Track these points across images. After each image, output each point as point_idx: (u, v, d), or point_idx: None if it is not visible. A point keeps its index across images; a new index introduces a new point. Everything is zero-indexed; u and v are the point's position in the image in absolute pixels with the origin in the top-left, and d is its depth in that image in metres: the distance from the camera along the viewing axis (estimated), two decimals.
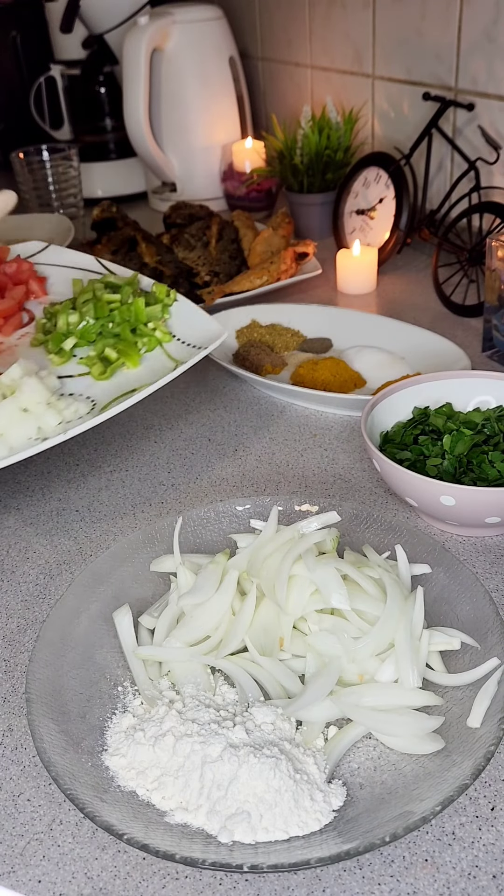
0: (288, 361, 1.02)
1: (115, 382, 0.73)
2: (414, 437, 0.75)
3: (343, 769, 0.52)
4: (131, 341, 0.75)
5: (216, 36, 1.53)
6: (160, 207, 1.63)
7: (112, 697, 0.56)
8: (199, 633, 0.58)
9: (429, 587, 0.61)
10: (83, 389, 0.72)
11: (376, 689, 0.53)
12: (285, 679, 0.55)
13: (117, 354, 0.74)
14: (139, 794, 0.49)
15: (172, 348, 0.75)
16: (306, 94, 1.62)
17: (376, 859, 0.47)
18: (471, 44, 1.16)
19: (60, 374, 0.74)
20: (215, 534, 0.69)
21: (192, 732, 0.51)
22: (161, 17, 1.47)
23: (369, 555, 0.62)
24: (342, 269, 1.21)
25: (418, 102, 1.30)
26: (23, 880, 0.47)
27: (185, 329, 0.78)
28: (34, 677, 0.54)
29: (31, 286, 0.86)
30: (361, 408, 0.87)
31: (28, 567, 0.72)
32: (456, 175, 1.26)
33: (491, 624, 0.56)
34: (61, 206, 1.59)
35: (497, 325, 0.98)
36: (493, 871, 0.46)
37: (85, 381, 0.74)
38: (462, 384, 0.80)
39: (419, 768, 0.50)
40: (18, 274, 0.87)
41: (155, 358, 0.75)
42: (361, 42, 1.40)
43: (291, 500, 0.69)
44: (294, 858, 0.44)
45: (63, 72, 1.72)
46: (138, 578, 0.65)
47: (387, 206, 1.26)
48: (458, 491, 0.65)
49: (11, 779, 0.54)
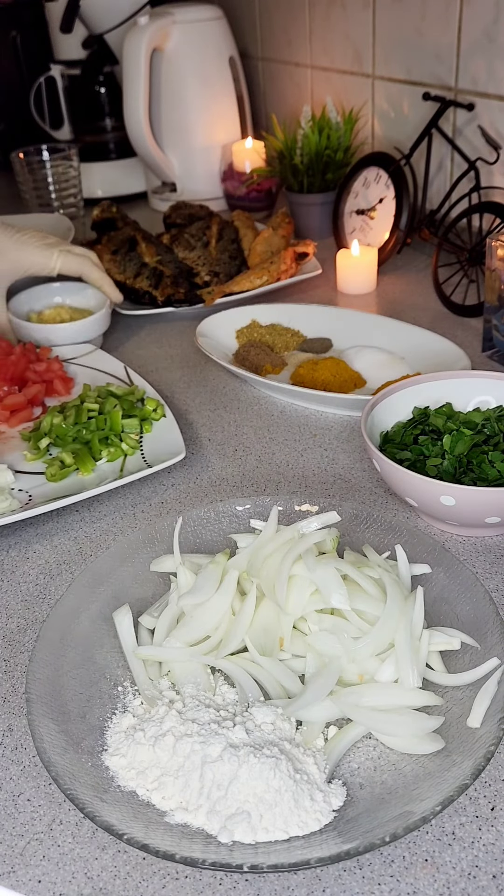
0: (288, 361, 1.02)
1: (64, 484, 0.80)
2: (414, 437, 0.75)
3: (343, 769, 0.52)
4: (96, 449, 0.82)
5: (216, 36, 1.53)
6: (160, 207, 1.63)
7: (112, 697, 0.56)
8: (199, 633, 0.58)
9: (429, 587, 0.61)
10: (33, 486, 0.80)
11: (376, 689, 0.53)
12: (285, 679, 0.55)
13: (73, 460, 0.81)
14: (139, 794, 0.49)
15: (131, 461, 0.82)
16: (306, 94, 1.62)
17: (376, 859, 0.47)
18: (471, 44, 1.16)
19: (20, 469, 0.82)
20: (215, 534, 0.69)
21: (192, 732, 0.51)
22: (161, 17, 1.47)
23: (369, 555, 0.62)
24: (342, 269, 1.21)
25: (418, 102, 1.30)
26: (23, 880, 0.47)
27: (155, 444, 0.84)
28: (34, 677, 0.54)
29: (55, 385, 0.95)
30: (361, 408, 0.87)
31: (28, 567, 0.72)
32: (456, 175, 1.26)
33: (491, 624, 0.56)
34: (61, 206, 1.59)
35: (497, 325, 0.98)
36: (493, 871, 0.46)
37: (40, 479, 0.81)
38: (462, 384, 0.80)
39: (419, 768, 0.50)
40: (46, 372, 0.95)
41: (111, 465, 0.82)
42: (361, 42, 1.40)
43: (291, 500, 0.69)
44: (294, 858, 0.44)
45: (63, 72, 1.72)
46: (138, 578, 0.65)
47: (387, 206, 1.26)
48: (458, 491, 0.65)
49: (11, 779, 0.54)
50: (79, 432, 0.84)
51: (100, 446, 0.83)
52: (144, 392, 0.91)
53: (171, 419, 0.86)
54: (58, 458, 0.82)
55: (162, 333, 1.15)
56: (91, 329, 1.07)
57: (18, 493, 0.79)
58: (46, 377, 0.95)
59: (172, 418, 0.86)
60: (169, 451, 0.81)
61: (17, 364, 0.94)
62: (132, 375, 0.97)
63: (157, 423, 0.87)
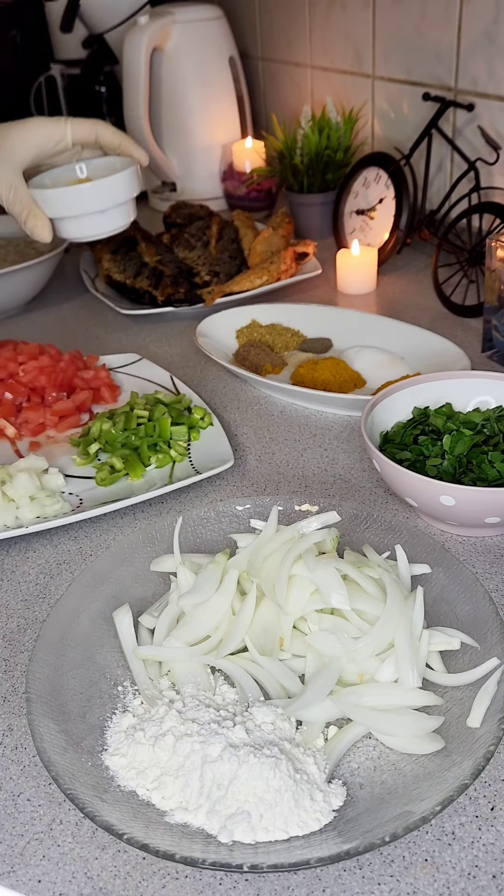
0: (288, 361, 1.02)
1: (113, 489, 0.81)
2: (414, 437, 0.75)
3: (343, 769, 0.52)
4: (145, 455, 0.83)
5: (216, 36, 1.53)
6: (160, 207, 1.63)
7: (112, 697, 0.56)
8: (199, 632, 0.58)
9: (429, 587, 0.61)
10: (83, 490, 0.81)
11: (376, 689, 0.53)
12: (285, 679, 0.55)
13: (123, 465, 0.82)
14: (139, 793, 0.49)
15: (180, 467, 0.83)
16: (306, 94, 1.62)
17: (376, 859, 0.47)
18: (471, 44, 1.16)
19: (70, 474, 0.83)
20: (215, 534, 0.69)
21: (192, 732, 0.51)
22: (161, 16, 1.47)
23: (369, 555, 0.62)
24: (342, 269, 1.21)
25: (418, 102, 1.30)
26: (23, 880, 0.47)
27: (203, 452, 0.85)
28: (34, 677, 0.54)
29: (102, 392, 0.97)
30: (361, 408, 0.87)
31: (28, 567, 0.72)
32: (456, 175, 1.26)
33: (491, 624, 0.56)
34: None
35: (497, 326, 0.98)
36: (493, 871, 0.46)
37: (90, 483, 0.82)
38: (462, 384, 0.80)
39: (419, 768, 0.50)
40: (94, 380, 0.97)
41: (160, 472, 0.83)
42: (361, 42, 1.40)
43: (291, 500, 0.69)
44: (294, 858, 0.44)
45: (63, 71, 1.72)
46: (138, 578, 0.65)
47: (387, 206, 1.26)
48: (457, 491, 0.65)
49: (11, 779, 0.54)
50: (128, 438, 0.85)
51: (148, 452, 0.83)
52: (191, 401, 0.92)
53: (219, 427, 0.87)
54: (107, 463, 0.82)
55: (162, 333, 1.15)
56: (121, 188, 0.90)
57: (69, 497, 0.79)
58: (94, 384, 0.97)
59: (220, 426, 0.87)
60: (216, 458, 0.82)
61: (65, 371, 0.96)
62: (178, 385, 0.97)
63: (205, 430, 0.88)
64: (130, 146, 0.94)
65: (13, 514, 0.75)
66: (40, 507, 0.75)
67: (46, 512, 0.76)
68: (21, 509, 0.75)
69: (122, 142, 0.94)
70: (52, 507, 0.76)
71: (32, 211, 0.88)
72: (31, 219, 0.88)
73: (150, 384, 0.99)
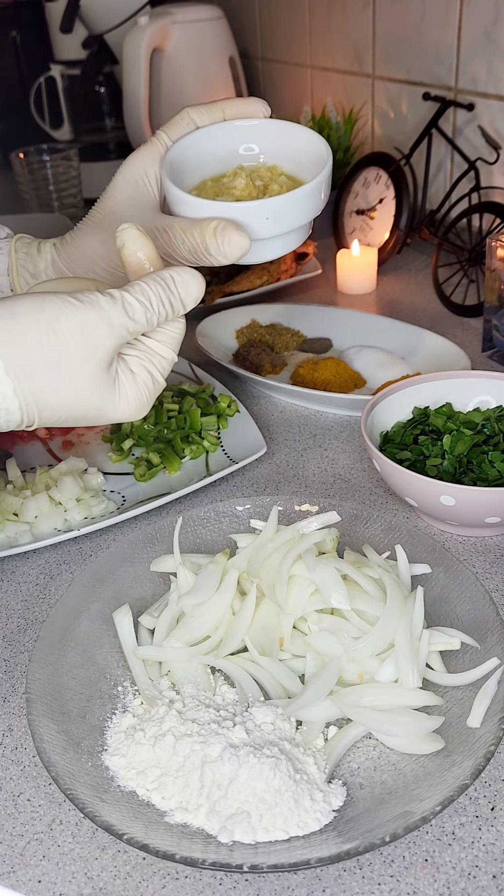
0: (288, 361, 1.02)
1: (152, 484, 0.81)
2: (414, 437, 0.75)
3: (343, 769, 0.52)
4: (179, 448, 0.83)
5: (216, 36, 1.52)
6: None
7: (112, 697, 0.56)
8: (199, 633, 0.58)
9: (429, 587, 0.61)
10: (123, 487, 0.81)
11: (376, 689, 0.53)
12: (285, 679, 0.55)
13: (160, 459, 0.82)
14: (139, 794, 0.49)
15: (213, 458, 0.83)
16: (306, 94, 1.62)
17: (376, 859, 0.47)
18: (471, 44, 1.16)
19: (108, 471, 0.83)
20: (215, 534, 0.69)
21: (192, 732, 0.51)
22: (161, 17, 1.47)
23: (369, 555, 0.62)
24: (342, 269, 1.21)
25: (418, 102, 1.30)
26: (23, 880, 0.47)
27: (234, 440, 0.85)
28: (34, 677, 0.54)
29: None
30: (361, 408, 0.87)
31: (28, 567, 0.72)
32: (456, 175, 1.26)
33: (491, 624, 0.56)
34: (61, 206, 1.58)
35: (497, 325, 0.98)
36: (493, 871, 0.46)
37: (129, 480, 0.82)
38: (462, 384, 0.80)
39: (419, 768, 0.50)
40: None
41: (194, 464, 0.83)
42: (361, 42, 1.40)
43: (291, 500, 0.69)
44: (294, 858, 0.44)
45: (63, 72, 1.72)
46: (138, 578, 0.65)
47: (387, 206, 1.26)
48: (457, 491, 0.65)
49: (11, 779, 0.54)
50: (160, 432, 0.85)
51: (182, 445, 0.83)
52: (214, 388, 0.92)
53: (246, 414, 0.87)
54: (143, 459, 0.82)
55: None
56: (306, 204, 0.56)
57: (112, 495, 0.79)
58: None
59: (247, 413, 0.87)
60: (248, 445, 0.82)
61: None
62: (198, 372, 0.96)
63: (231, 418, 0.88)
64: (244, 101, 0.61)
65: (62, 517, 0.75)
66: (87, 508, 0.75)
67: (93, 512, 0.76)
68: (69, 512, 0.75)
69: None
70: (97, 507, 0.76)
71: (214, 226, 0.53)
72: (221, 232, 0.53)
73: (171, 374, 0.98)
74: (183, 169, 0.58)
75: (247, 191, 0.57)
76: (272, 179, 0.59)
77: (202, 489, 0.80)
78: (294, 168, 0.60)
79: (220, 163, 0.60)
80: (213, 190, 0.58)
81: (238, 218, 0.54)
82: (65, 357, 0.45)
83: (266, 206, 0.54)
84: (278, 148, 0.60)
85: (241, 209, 0.54)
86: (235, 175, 0.58)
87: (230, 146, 0.60)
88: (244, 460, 0.80)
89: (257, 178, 0.59)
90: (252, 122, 0.59)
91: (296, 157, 0.59)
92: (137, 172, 0.59)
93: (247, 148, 0.60)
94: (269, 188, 0.58)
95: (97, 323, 0.45)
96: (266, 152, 0.60)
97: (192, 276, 0.49)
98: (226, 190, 0.58)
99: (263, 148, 0.60)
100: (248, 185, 0.58)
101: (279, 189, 0.58)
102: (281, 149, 0.60)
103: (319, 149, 0.58)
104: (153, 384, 0.49)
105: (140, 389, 0.49)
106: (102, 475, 0.81)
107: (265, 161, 0.60)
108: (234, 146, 0.60)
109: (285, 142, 0.59)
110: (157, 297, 0.48)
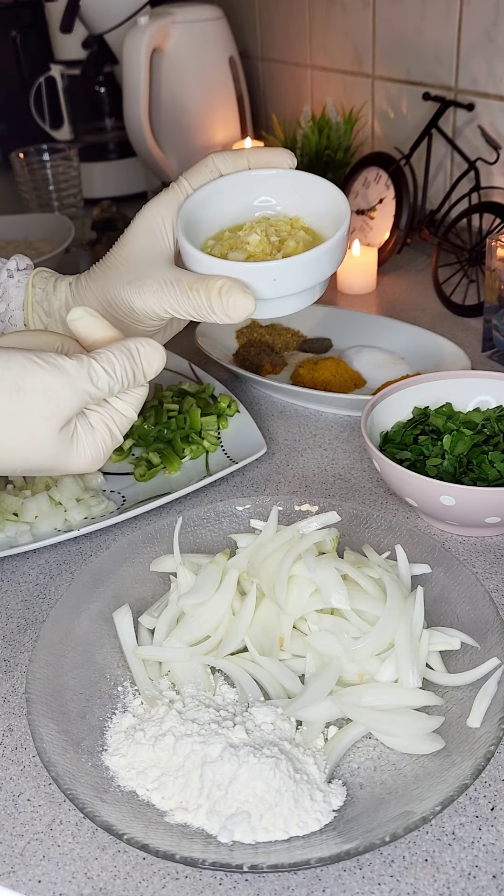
0: (288, 361, 1.02)
1: (152, 484, 0.81)
2: (414, 437, 0.75)
3: (343, 769, 0.52)
4: (179, 448, 0.83)
5: (216, 36, 1.52)
6: None
7: (112, 697, 0.56)
8: (199, 633, 0.58)
9: (429, 587, 0.61)
10: (123, 487, 0.81)
11: (376, 689, 0.53)
12: (285, 679, 0.55)
13: (160, 459, 0.82)
14: (139, 794, 0.49)
15: (213, 458, 0.83)
16: (306, 94, 1.62)
17: (376, 859, 0.47)
18: (471, 44, 1.16)
19: (108, 471, 0.83)
20: (215, 534, 0.69)
21: (192, 732, 0.51)
22: (161, 17, 1.47)
23: (369, 555, 0.62)
24: (342, 269, 1.21)
25: (418, 102, 1.30)
26: (23, 880, 0.47)
27: (233, 440, 0.85)
28: (34, 677, 0.54)
29: None
30: (361, 408, 0.87)
31: (28, 567, 0.72)
32: (456, 175, 1.26)
33: (491, 624, 0.56)
34: (61, 206, 1.58)
35: (497, 325, 0.98)
36: (493, 871, 0.46)
37: (128, 480, 0.82)
38: (462, 384, 0.80)
39: (419, 768, 0.50)
40: None
41: (194, 464, 0.83)
42: (361, 42, 1.40)
43: (291, 500, 0.69)
44: (294, 858, 0.44)
45: (63, 72, 1.72)
46: (138, 578, 0.65)
47: (387, 206, 1.26)
48: (457, 491, 0.65)
49: (11, 779, 0.54)
50: (160, 432, 0.85)
51: (182, 445, 0.84)
52: (214, 388, 0.92)
53: (246, 414, 0.87)
54: (143, 459, 0.82)
55: None
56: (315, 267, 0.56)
57: (112, 495, 0.79)
58: None
59: (247, 413, 0.87)
60: (248, 445, 0.82)
61: None
62: (198, 371, 0.96)
63: (232, 418, 0.88)
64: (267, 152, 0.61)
65: (62, 517, 0.75)
66: (87, 508, 0.75)
67: (93, 512, 0.76)
68: (69, 512, 0.75)
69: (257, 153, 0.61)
70: (97, 507, 0.76)
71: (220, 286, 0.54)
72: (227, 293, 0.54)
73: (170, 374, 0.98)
74: (201, 219, 0.58)
75: (260, 247, 0.57)
76: (290, 234, 0.58)
77: (202, 489, 0.80)
78: (314, 222, 0.59)
79: (240, 212, 0.60)
80: (229, 242, 0.58)
81: (244, 278, 0.54)
82: (26, 414, 0.46)
83: (273, 268, 0.54)
84: (299, 200, 0.60)
85: (247, 270, 0.54)
86: (251, 229, 0.58)
87: (249, 196, 0.60)
88: (244, 460, 0.80)
89: (274, 232, 0.58)
90: (272, 173, 0.59)
91: (316, 210, 0.59)
92: (155, 221, 0.59)
93: (264, 200, 0.60)
94: (284, 244, 0.57)
95: (61, 385, 0.46)
96: (285, 203, 0.60)
97: (155, 350, 0.51)
98: (240, 244, 0.57)
99: (282, 199, 0.60)
100: (263, 241, 0.57)
101: (295, 246, 0.57)
102: (302, 201, 0.60)
103: (339, 205, 0.57)
104: (111, 439, 0.50)
105: (98, 445, 0.50)
106: (102, 475, 0.81)
107: (284, 211, 0.60)
108: (254, 196, 0.60)
109: (306, 194, 0.59)
110: (121, 367, 0.49)
